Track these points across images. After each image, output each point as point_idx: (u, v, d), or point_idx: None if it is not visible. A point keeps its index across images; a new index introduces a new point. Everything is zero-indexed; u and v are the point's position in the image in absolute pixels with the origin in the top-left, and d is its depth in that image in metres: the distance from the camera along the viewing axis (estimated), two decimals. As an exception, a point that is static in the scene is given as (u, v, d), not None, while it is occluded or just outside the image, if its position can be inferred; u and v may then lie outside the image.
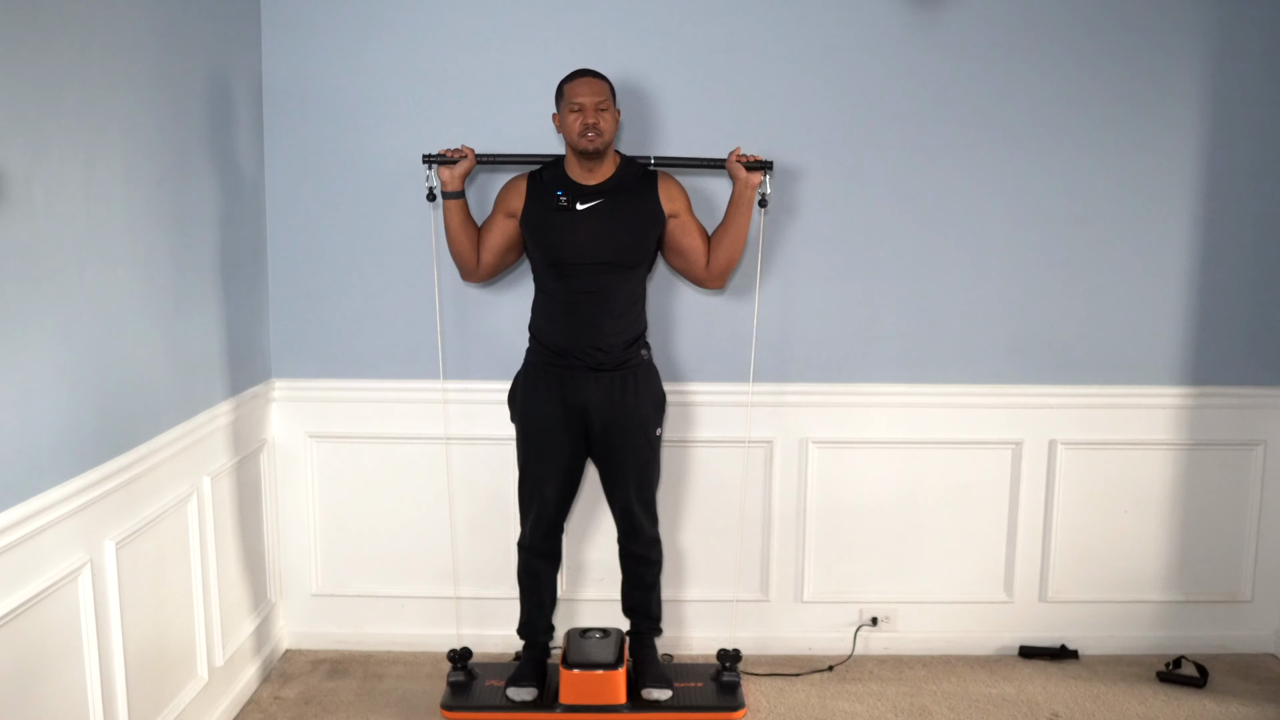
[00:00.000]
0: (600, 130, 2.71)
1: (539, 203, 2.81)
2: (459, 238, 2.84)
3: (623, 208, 2.79)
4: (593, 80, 2.74)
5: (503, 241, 2.87)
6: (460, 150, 2.81)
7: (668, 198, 2.85)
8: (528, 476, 2.92)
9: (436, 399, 3.15)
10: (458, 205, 2.82)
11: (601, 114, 2.71)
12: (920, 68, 3.08)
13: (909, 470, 3.27)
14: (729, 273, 2.92)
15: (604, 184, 2.80)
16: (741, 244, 2.87)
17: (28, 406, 1.95)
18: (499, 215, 2.87)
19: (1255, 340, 3.24)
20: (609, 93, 2.75)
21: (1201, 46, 3.09)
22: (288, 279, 3.16)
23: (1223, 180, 3.15)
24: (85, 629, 2.15)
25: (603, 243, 2.77)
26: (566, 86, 2.75)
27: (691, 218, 2.89)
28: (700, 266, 2.90)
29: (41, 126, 1.97)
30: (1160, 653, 3.33)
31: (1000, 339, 3.21)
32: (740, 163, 2.80)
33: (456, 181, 2.80)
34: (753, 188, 2.81)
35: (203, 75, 2.69)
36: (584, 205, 2.78)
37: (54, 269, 2.03)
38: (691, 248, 2.88)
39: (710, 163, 2.91)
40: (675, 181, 2.90)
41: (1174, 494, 3.30)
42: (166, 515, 2.52)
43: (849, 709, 3.00)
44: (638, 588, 2.99)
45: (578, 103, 2.71)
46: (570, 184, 2.80)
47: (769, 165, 2.82)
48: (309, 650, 3.31)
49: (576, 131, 2.71)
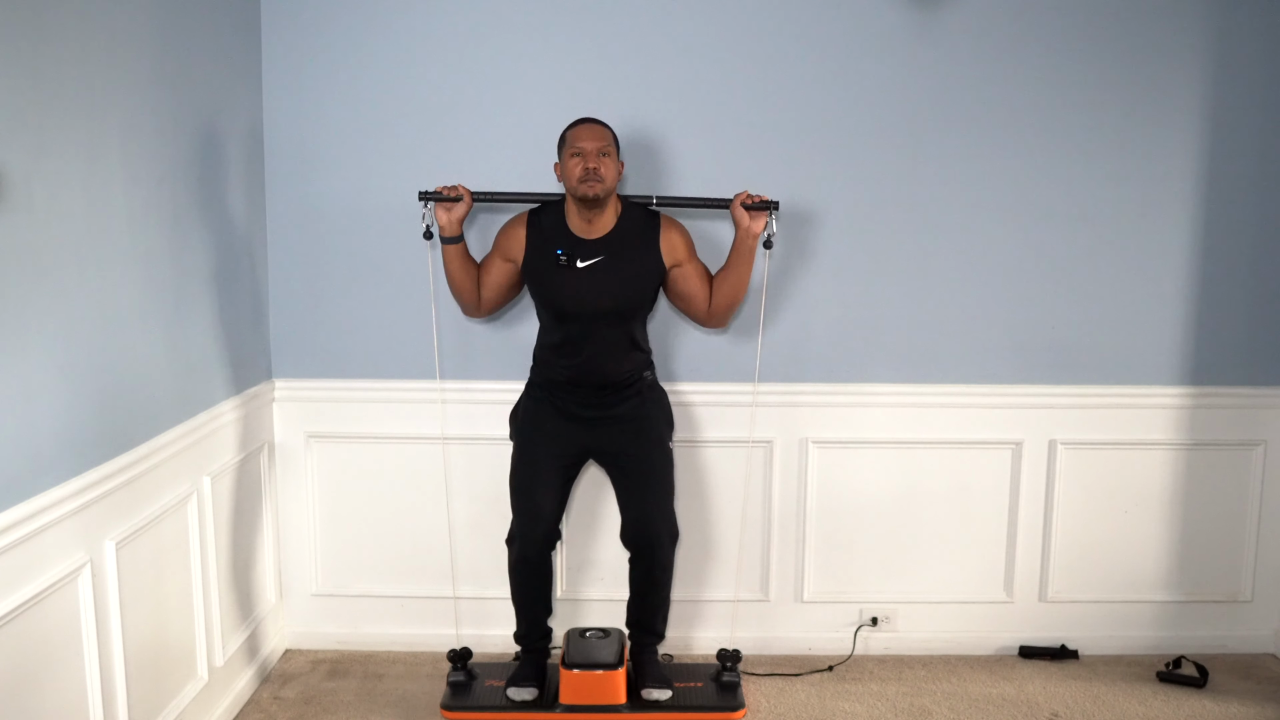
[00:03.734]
0: (601, 176, 2.64)
1: (538, 255, 2.76)
2: (459, 279, 2.80)
3: (623, 265, 2.74)
4: (595, 126, 2.69)
5: (503, 281, 2.83)
6: (456, 190, 2.72)
7: (669, 249, 2.79)
8: (524, 487, 2.85)
9: (436, 399, 3.15)
10: (456, 250, 2.76)
11: (603, 160, 2.65)
12: (921, 68, 3.08)
13: (909, 470, 3.27)
14: (731, 314, 2.87)
15: (604, 238, 2.75)
16: (744, 289, 2.81)
17: (28, 406, 1.95)
18: (498, 258, 2.82)
19: (1255, 340, 3.24)
20: (611, 140, 2.70)
21: (1201, 47, 3.09)
22: (288, 279, 3.16)
23: (1223, 180, 3.15)
24: (85, 629, 2.15)
25: (603, 298, 2.74)
26: (569, 133, 2.70)
27: (694, 263, 2.82)
28: (702, 310, 2.85)
29: (41, 126, 1.97)
30: (1160, 653, 3.33)
31: (1000, 339, 3.21)
32: (745, 204, 2.71)
33: (454, 226, 2.74)
34: (754, 236, 2.72)
35: (203, 74, 2.69)
36: (584, 263, 2.73)
37: (54, 269, 2.03)
38: (693, 294, 2.83)
39: (714, 203, 2.82)
40: (677, 229, 2.82)
41: (1174, 494, 3.30)
42: (166, 515, 2.52)
43: (849, 709, 3.00)
44: (646, 597, 2.91)
45: (579, 147, 2.65)
46: (570, 237, 2.75)
47: (775, 205, 2.74)
48: (309, 650, 3.31)
49: (577, 177, 2.65)
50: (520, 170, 3.01)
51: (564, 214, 2.77)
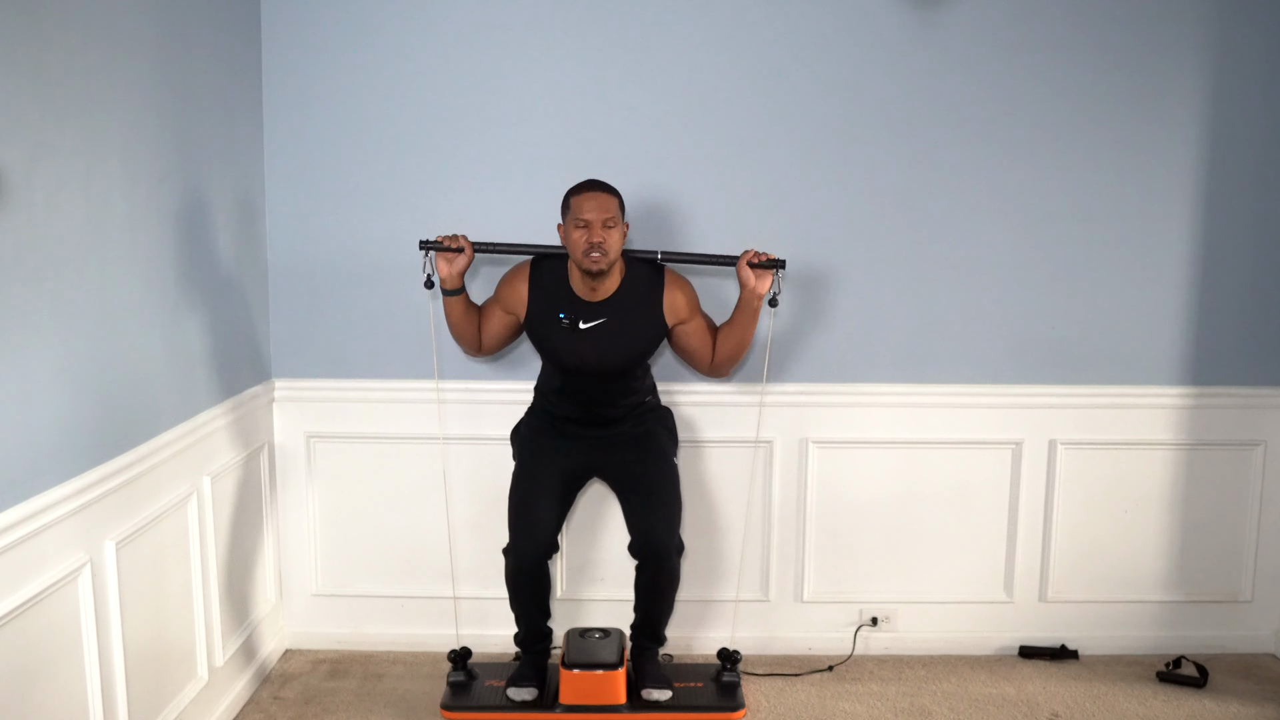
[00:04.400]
0: (606, 250, 2.61)
1: (540, 314, 2.75)
2: (460, 327, 2.79)
3: (626, 328, 2.73)
4: (600, 195, 2.63)
5: (504, 331, 2.83)
6: (457, 241, 2.69)
7: (672, 310, 2.77)
8: (525, 500, 2.84)
9: (437, 398, 3.15)
10: (458, 301, 2.75)
11: (608, 231, 2.61)
12: (920, 68, 3.08)
13: (909, 470, 3.27)
14: (733, 367, 2.87)
15: (608, 300, 2.73)
16: (747, 345, 2.80)
17: (28, 406, 1.95)
18: (499, 310, 2.80)
19: (1255, 340, 3.24)
20: (617, 208, 2.65)
21: (1201, 46, 3.09)
22: (288, 279, 3.16)
23: (1223, 180, 3.15)
24: (85, 629, 2.15)
25: (605, 358, 2.74)
26: (573, 200, 2.65)
27: (697, 320, 2.80)
28: (705, 364, 2.85)
29: (41, 126, 1.97)
30: (1160, 653, 3.33)
31: (1000, 339, 3.21)
32: (752, 263, 2.68)
33: (456, 279, 2.71)
34: (759, 297, 2.70)
35: (203, 74, 2.69)
36: (586, 324, 2.72)
37: (54, 269, 2.02)
38: (696, 349, 2.82)
39: (720, 260, 2.79)
40: (681, 287, 2.79)
41: (1174, 494, 3.30)
42: (166, 515, 2.52)
43: (849, 709, 3.00)
44: (652, 606, 2.89)
45: (584, 219, 2.61)
46: (572, 298, 2.73)
47: (781, 264, 2.71)
48: (309, 650, 3.31)
49: (581, 250, 2.62)
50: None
51: (566, 273, 2.75)
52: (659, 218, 3.11)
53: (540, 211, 2.97)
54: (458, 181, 3.11)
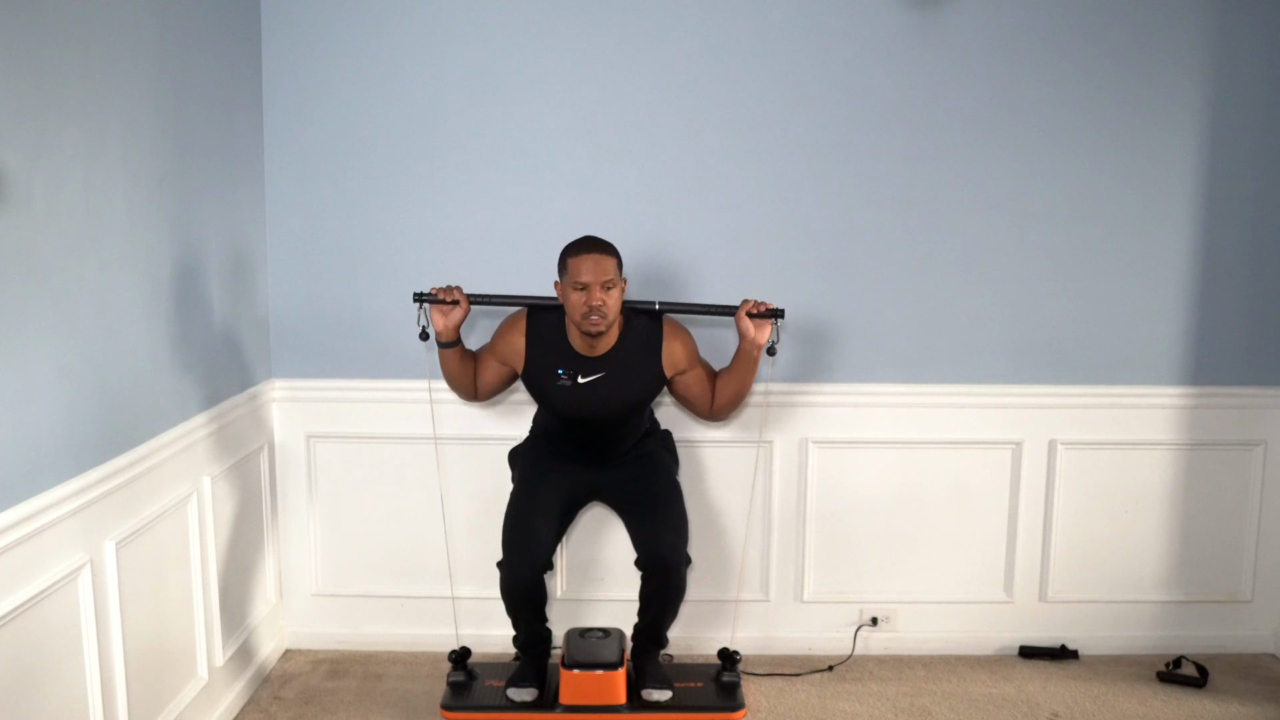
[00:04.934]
0: (605, 313, 2.60)
1: (538, 368, 2.74)
2: (456, 377, 2.78)
3: (625, 380, 2.73)
4: (599, 258, 2.60)
5: (499, 381, 2.83)
6: (451, 293, 2.68)
7: (671, 362, 2.76)
8: (517, 512, 2.83)
9: (436, 399, 3.15)
10: (453, 353, 2.74)
11: (607, 293, 2.59)
12: (920, 68, 3.08)
13: (909, 470, 3.26)
14: (732, 412, 2.89)
15: (606, 355, 2.72)
16: (746, 392, 2.81)
17: (28, 406, 1.95)
18: (494, 360, 2.79)
19: (1255, 340, 3.24)
20: (615, 268, 2.62)
21: (1201, 46, 3.09)
22: (288, 279, 3.16)
23: (1223, 180, 3.15)
24: (85, 629, 2.15)
25: (604, 409, 2.75)
26: (570, 261, 2.62)
27: (696, 368, 2.81)
28: (704, 411, 2.86)
29: (41, 126, 1.97)
30: (1160, 653, 3.33)
31: (1000, 339, 3.21)
32: (751, 313, 2.68)
33: (451, 333, 2.70)
34: (759, 347, 2.70)
35: (203, 74, 2.69)
36: (585, 379, 2.71)
37: (54, 269, 2.02)
38: (696, 397, 2.83)
39: (719, 310, 2.80)
40: (680, 338, 2.78)
41: (1174, 494, 3.30)
42: (166, 515, 2.51)
43: (849, 709, 3.00)
44: (657, 615, 2.88)
45: (582, 282, 2.58)
46: (570, 354, 2.72)
47: (780, 313, 2.72)
48: (309, 650, 3.31)
49: (580, 313, 2.61)
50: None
51: (564, 328, 2.73)
52: (656, 221, 3.12)
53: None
54: (458, 181, 3.11)
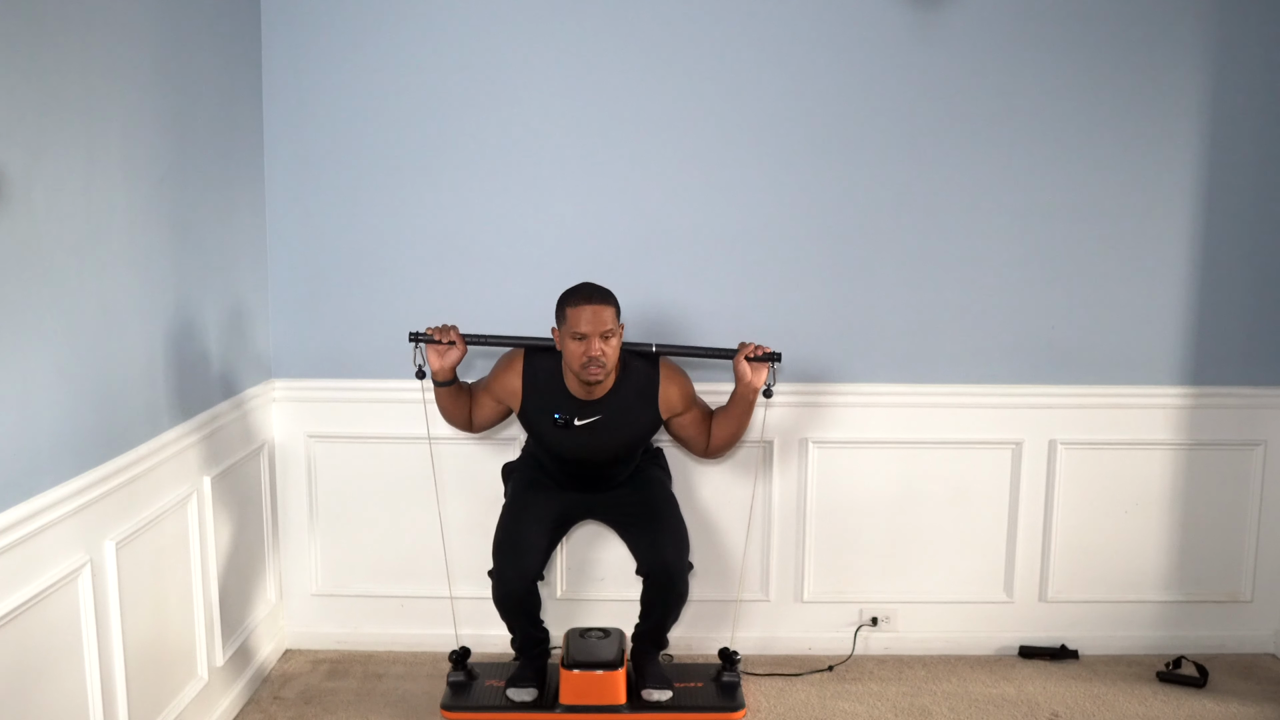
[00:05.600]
0: (603, 363, 2.60)
1: (534, 410, 2.75)
2: (451, 413, 2.80)
3: (621, 423, 2.74)
4: (598, 309, 2.60)
5: (495, 417, 2.85)
6: (448, 334, 2.68)
7: (668, 405, 2.77)
8: (509, 523, 2.83)
9: (433, 399, 3.15)
10: (449, 391, 2.75)
11: (606, 342, 2.60)
12: (920, 67, 3.08)
13: (909, 470, 3.26)
14: (729, 450, 2.90)
15: (603, 399, 2.72)
16: (743, 432, 2.82)
17: (28, 406, 1.95)
18: (490, 398, 2.80)
19: (1255, 340, 3.24)
20: (614, 317, 2.62)
21: (1202, 45, 3.09)
22: (288, 279, 3.16)
23: (1223, 179, 3.14)
24: (85, 629, 2.15)
25: (599, 450, 2.77)
26: (569, 311, 2.61)
27: (692, 412, 2.81)
28: (700, 449, 2.86)
29: (41, 126, 1.97)
30: (1160, 653, 3.33)
31: (1000, 339, 3.21)
32: (748, 358, 2.69)
33: (447, 373, 2.71)
34: (755, 390, 2.71)
35: (203, 74, 2.69)
36: (582, 421, 2.72)
37: (54, 268, 2.02)
38: (691, 437, 2.84)
39: (717, 353, 2.80)
40: (676, 382, 2.79)
41: (1174, 494, 3.30)
42: (166, 515, 2.51)
43: (849, 709, 3.00)
44: (658, 619, 2.88)
45: (581, 333, 2.59)
46: (567, 398, 2.72)
47: (777, 357, 2.72)
48: (309, 650, 3.31)
49: (578, 364, 2.61)
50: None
51: (560, 371, 2.74)
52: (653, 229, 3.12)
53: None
54: (458, 180, 3.11)
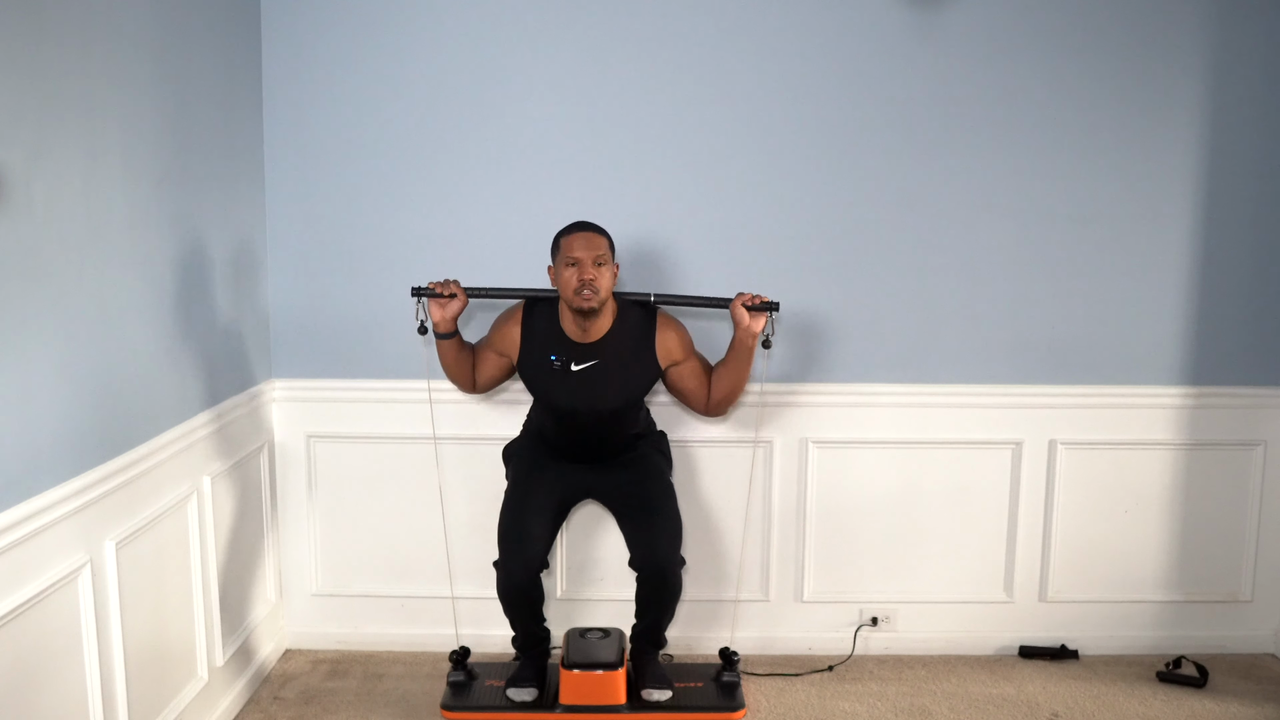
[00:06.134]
0: (597, 288, 2.62)
1: (532, 357, 2.76)
2: (454, 368, 2.80)
3: (618, 369, 2.74)
4: (590, 235, 2.66)
5: (496, 374, 2.84)
6: (448, 287, 2.70)
7: (665, 353, 2.77)
8: (512, 513, 2.84)
9: (436, 399, 3.15)
10: (451, 344, 2.76)
11: (599, 269, 2.62)
12: (920, 68, 3.08)
13: (909, 470, 3.26)
14: (729, 406, 2.87)
15: (600, 341, 2.73)
16: (743, 384, 2.81)
17: (28, 406, 1.95)
18: (491, 352, 2.81)
19: (1255, 340, 3.24)
20: (607, 247, 2.67)
21: (1202, 46, 3.09)
22: (288, 279, 3.16)
23: (1223, 180, 3.15)
24: (85, 629, 2.15)
25: (598, 400, 2.75)
26: (563, 240, 2.67)
27: (691, 362, 2.80)
28: (700, 404, 2.85)
29: (41, 126, 1.97)
30: (1160, 653, 3.33)
31: (1000, 339, 3.21)
32: (745, 306, 2.68)
33: (449, 324, 2.72)
34: (754, 336, 2.70)
35: (203, 74, 2.69)
36: (579, 366, 2.72)
37: (54, 269, 2.02)
38: (691, 390, 2.82)
39: (714, 302, 2.80)
40: (674, 329, 2.79)
41: (1174, 494, 3.30)
42: (166, 515, 2.52)
43: (849, 709, 3.00)
44: (654, 616, 2.88)
45: (574, 257, 2.62)
46: (564, 341, 2.73)
47: (775, 306, 2.72)
48: (309, 650, 3.31)
49: (572, 289, 2.62)
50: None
51: (558, 315, 2.75)
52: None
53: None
54: (457, 180, 3.11)
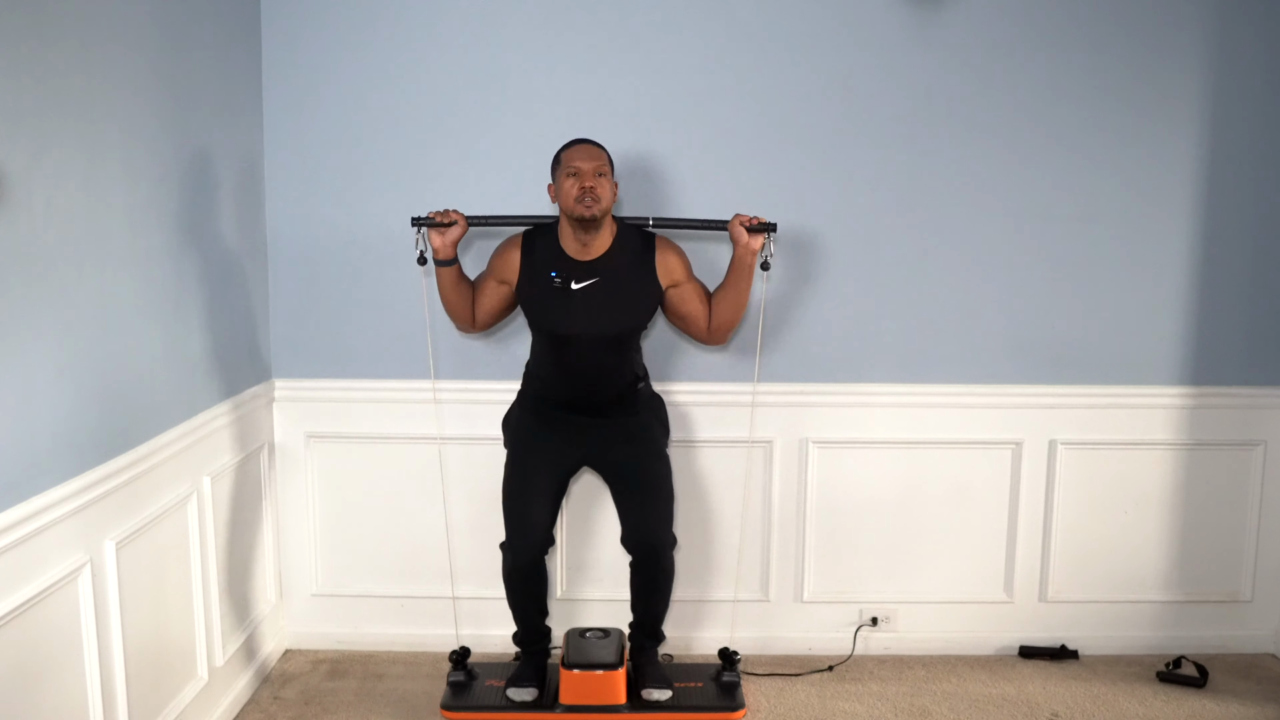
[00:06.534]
0: (598, 196, 2.62)
1: (532, 279, 2.75)
2: (453, 300, 2.78)
3: (619, 288, 2.72)
4: (591, 147, 2.68)
5: (497, 305, 2.82)
6: (449, 215, 2.69)
7: (665, 272, 2.77)
8: (518, 495, 2.85)
9: (439, 399, 3.15)
10: (450, 272, 2.74)
11: (599, 179, 2.63)
12: (920, 67, 3.08)
13: (909, 470, 3.27)
14: (730, 332, 2.85)
15: (600, 259, 2.72)
16: (743, 307, 2.79)
17: (28, 406, 1.95)
18: (491, 281, 2.80)
19: (1255, 340, 3.24)
20: (607, 160, 2.68)
21: (1201, 45, 3.09)
22: (288, 279, 3.16)
23: (1223, 179, 3.15)
24: (85, 629, 2.15)
25: (598, 321, 2.72)
26: (563, 153, 2.68)
27: (691, 283, 2.80)
28: (701, 330, 2.83)
29: (41, 126, 1.97)
30: (1160, 653, 3.33)
31: (1000, 339, 3.21)
32: (744, 225, 2.67)
33: (449, 249, 2.70)
34: (753, 253, 2.68)
35: (203, 74, 2.69)
36: (579, 285, 2.71)
37: (54, 269, 2.02)
38: (691, 314, 2.81)
39: (712, 224, 2.79)
40: (674, 250, 2.79)
41: (1174, 494, 3.30)
42: (166, 515, 2.52)
43: (849, 709, 3.00)
44: (649, 602, 2.91)
45: (574, 167, 2.62)
46: (564, 259, 2.72)
47: (772, 227, 2.71)
48: (309, 650, 3.31)
49: (573, 197, 2.62)
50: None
51: (558, 236, 2.75)
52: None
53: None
54: (456, 177, 3.10)
